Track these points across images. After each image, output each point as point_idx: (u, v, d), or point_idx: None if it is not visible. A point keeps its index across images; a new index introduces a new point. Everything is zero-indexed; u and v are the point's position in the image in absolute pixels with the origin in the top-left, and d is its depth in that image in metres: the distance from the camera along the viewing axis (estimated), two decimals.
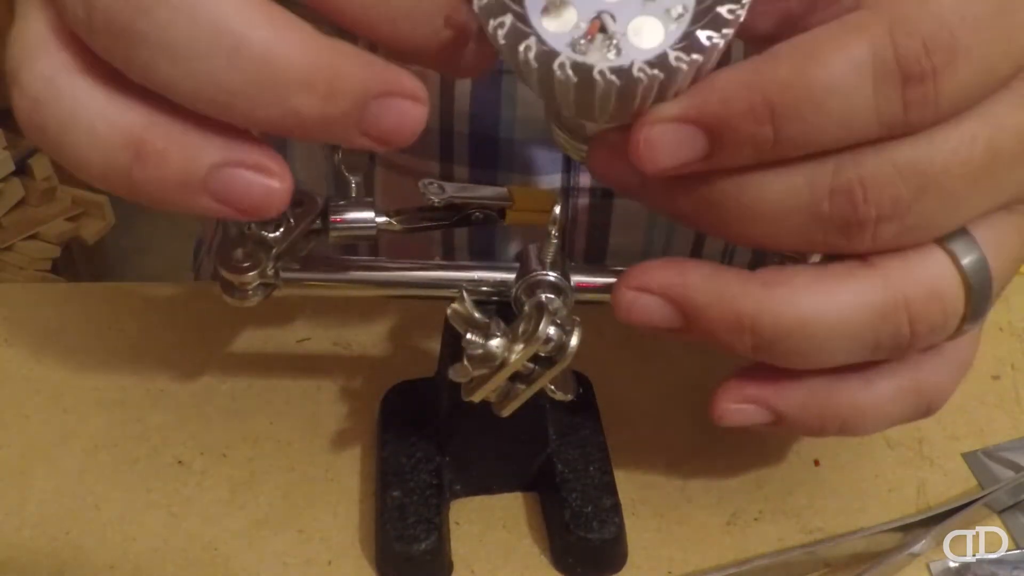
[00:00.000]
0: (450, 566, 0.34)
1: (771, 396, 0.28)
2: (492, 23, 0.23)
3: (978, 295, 0.25)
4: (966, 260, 0.25)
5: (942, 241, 0.25)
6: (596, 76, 0.23)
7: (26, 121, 0.23)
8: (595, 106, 0.24)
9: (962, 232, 0.25)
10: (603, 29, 0.24)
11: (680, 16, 0.24)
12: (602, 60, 0.23)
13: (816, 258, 0.31)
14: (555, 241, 0.30)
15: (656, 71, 0.23)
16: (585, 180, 0.43)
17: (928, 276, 0.25)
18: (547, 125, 0.29)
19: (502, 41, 0.23)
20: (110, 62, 0.22)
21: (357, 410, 0.39)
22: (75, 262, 1.54)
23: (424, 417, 0.36)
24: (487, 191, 0.33)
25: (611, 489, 0.35)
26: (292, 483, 0.36)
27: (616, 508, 0.34)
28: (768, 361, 0.27)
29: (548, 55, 0.23)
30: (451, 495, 0.36)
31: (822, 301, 0.25)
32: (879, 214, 0.23)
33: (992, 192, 0.24)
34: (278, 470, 0.37)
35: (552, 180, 0.43)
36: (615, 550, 0.34)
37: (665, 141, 0.24)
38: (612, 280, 0.32)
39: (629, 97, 0.23)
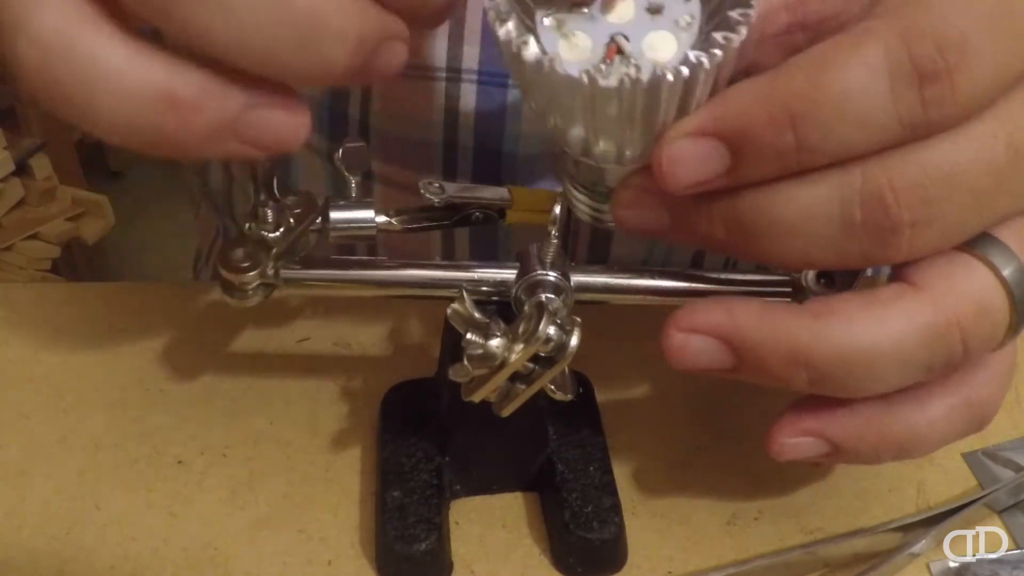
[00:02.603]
0: (450, 566, 0.34)
1: (827, 428, 0.28)
2: (516, 41, 0.24)
3: (1020, 299, 0.25)
4: (1007, 271, 0.25)
5: (980, 254, 0.25)
6: (624, 79, 0.23)
7: (34, 74, 0.22)
8: (621, 118, 0.24)
9: (997, 243, 0.25)
10: (620, 51, 0.24)
11: (689, 24, 0.24)
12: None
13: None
14: (555, 241, 0.30)
15: (681, 66, 0.23)
16: None
17: (974, 291, 0.25)
18: (563, 186, 0.29)
19: (529, 60, 0.24)
20: (139, 14, 0.22)
21: (357, 410, 0.39)
22: (75, 262, 1.54)
23: (424, 417, 0.36)
24: (487, 191, 0.33)
25: (611, 489, 0.35)
26: (292, 483, 0.36)
27: (616, 508, 0.34)
28: (824, 393, 0.26)
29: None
30: (451, 495, 0.36)
31: (876, 328, 0.25)
32: (912, 218, 0.23)
33: (1019, 190, 0.24)
34: (278, 470, 0.37)
35: None
36: (615, 550, 0.34)
37: (687, 156, 0.24)
38: (612, 280, 0.32)
39: (655, 100, 0.23)
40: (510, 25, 0.24)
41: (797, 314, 0.26)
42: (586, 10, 0.25)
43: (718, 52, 0.23)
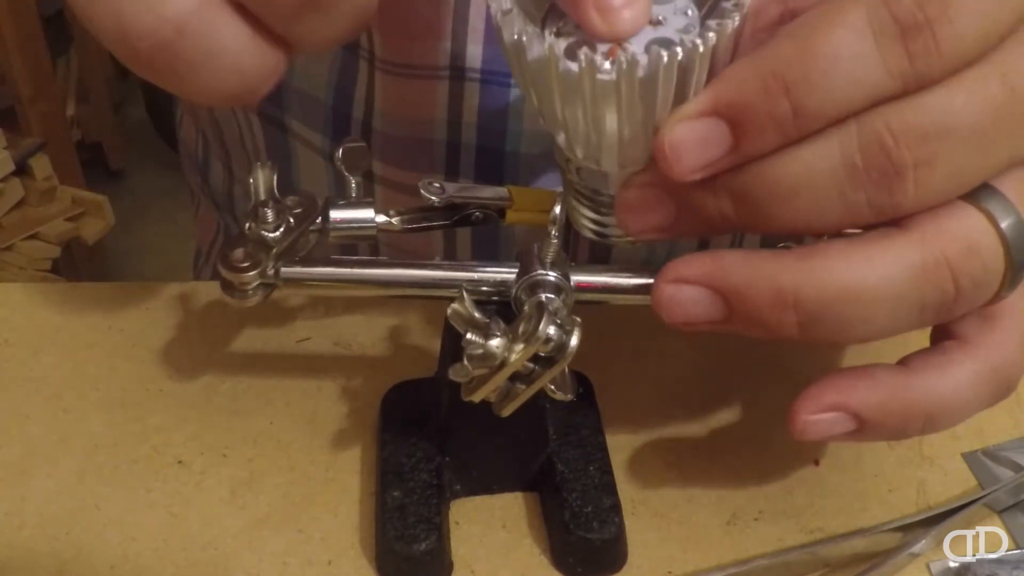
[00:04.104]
0: (450, 566, 0.34)
1: (850, 400, 0.28)
2: (520, 32, 0.24)
3: (1017, 250, 0.25)
4: (1005, 223, 0.25)
5: (976, 203, 0.25)
6: (622, 60, 0.23)
7: (157, 49, 0.23)
8: (621, 107, 0.24)
9: (996, 193, 0.25)
10: (622, 48, 0.25)
11: (688, 29, 0.25)
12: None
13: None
14: (555, 241, 0.30)
15: (676, 47, 0.23)
16: None
17: (963, 231, 0.25)
18: (565, 199, 0.29)
19: (532, 56, 0.24)
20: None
21: (357, 410, 0.39)
22: (75, 262, 1.54)
23: (424, 417, 0.36)
24: (487, 191, 0.33)
25: (611, 489, 0.35)
26: (292, 483, 0.36)
27: (616, 508, 0.34)
28: (814, 340, 0.26)
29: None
30: (451, 495, 0.36)
31: (863, 267, 0.25)
32: (915, 158, 0.23)
33: (1018, 135, 0.25)
34: (278, 470, 0.37)
35: None
36: (615, 550, 0.34)
37: (689, 139, 0.24)
38: (612, 280, 0.32)
39: (653, 84, 0.24)
40: (514, 18, 0.24)
41: (783, 257, 0.26)
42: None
43: (712, 35, 0.23)
